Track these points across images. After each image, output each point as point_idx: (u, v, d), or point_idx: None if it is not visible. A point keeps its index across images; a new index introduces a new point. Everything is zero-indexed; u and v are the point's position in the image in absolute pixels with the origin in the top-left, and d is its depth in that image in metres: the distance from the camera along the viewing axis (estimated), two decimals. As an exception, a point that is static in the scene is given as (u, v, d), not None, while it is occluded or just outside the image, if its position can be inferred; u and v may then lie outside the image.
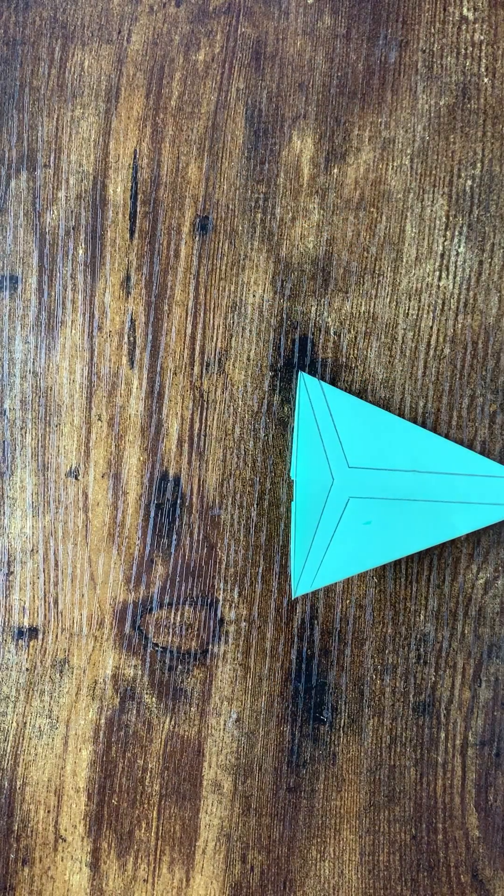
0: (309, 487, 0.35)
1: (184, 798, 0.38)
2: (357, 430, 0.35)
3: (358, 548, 0.35)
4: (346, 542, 0.35)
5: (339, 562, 0.35)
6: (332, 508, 0.35)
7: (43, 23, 0.38)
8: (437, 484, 0.35)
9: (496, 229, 0.36)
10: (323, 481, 0.35)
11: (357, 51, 0.36)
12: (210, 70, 0.37)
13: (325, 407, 0.35)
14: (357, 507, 0.35)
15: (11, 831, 0.38)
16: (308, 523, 0.35)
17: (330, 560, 0.35)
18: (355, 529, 0.35)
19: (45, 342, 0.38)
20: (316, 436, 0.35)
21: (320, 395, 0.36)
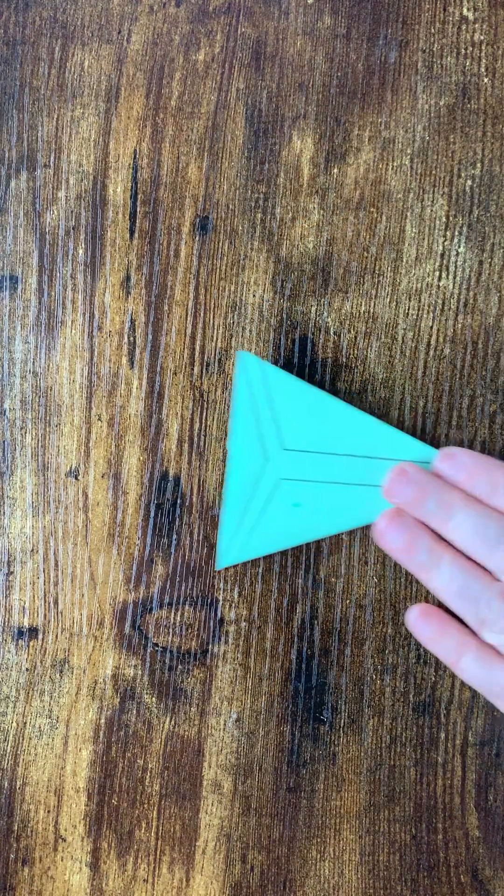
0: (242, 467, 0.35)
1: (184, 798, 0.38)
2: (295, 412, 0.35)
3: (285, 527, 0.35)
4: (274, 522, 0.35)
5: (264, 540, 0.35)
6: (262, 489, 0.35)
7: (43, 23, 0.38)
8: (371, 468, 0.35)
9: (496, 229, 0.36)
10: (256, 461, 0.35)
11: (357, 51, 0.36)
12: (210, 70, 0.37)
13: (263, 387, 0.35)
14: (288, 489, 0.35)
15: (11, 831, 0.38)
16: (238, 501, 0.35)
17: (256, 538, 0.35)
18: (284, 510, 0.35)
19: (44, 342, 0.38)
20: (252, 415, 0.35)
21: (259, 375, 0.35)
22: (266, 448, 0.35)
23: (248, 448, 0.35)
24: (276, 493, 0.35)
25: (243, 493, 0.35)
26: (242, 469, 0.35)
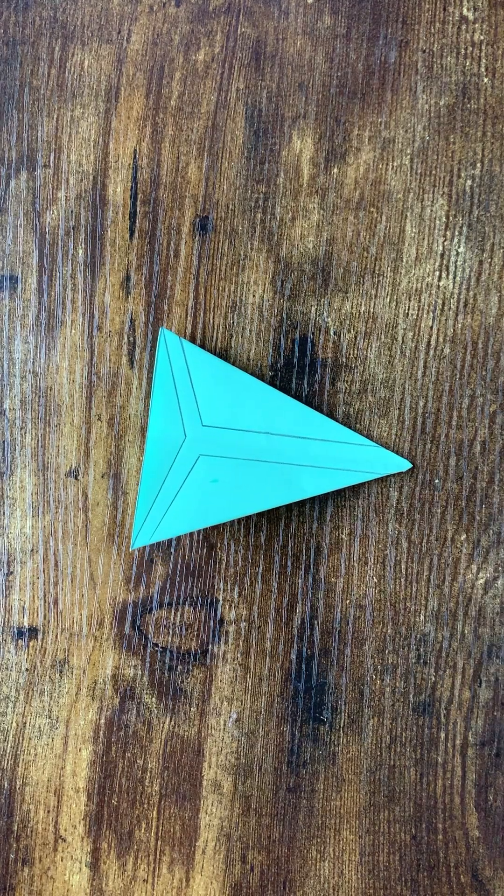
0: (160, 442, 0.35)
1: (184, 798, 0.38)
2: (215, 390, 0.35)
3: (203, 504, 0.35)
4: (192, 499, 0.35)
5: (181, 517, 0.35)
6: (180, 464, 0.35)
7: (43, 22, 0.38)
8: (288, 447, 0.35)
9: (496, 229, 0.36)
10: (175, 437, 0.35)
11: (357, 51, 0.36)
12: (210, 70, 0.37)
13: (183, 364, 0.35)
14: (206, 464, 0.35)
15: (11, 831, 0.38)
16: (155, 477, 0.35)
17: (173, 515, 0.35)
18: (202, 486, 0.35)
19: (44, 342, 0.38)
20: (172, 392, 0.35)
21: (180, 353, 0.36)
22: (185, 424, 0.35)
23: (167, 424, 0.35)
24: (194, 469, 0.35)
25: (160, 470, 0.35)
26: (161, 445, 0.35)
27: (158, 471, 0.35)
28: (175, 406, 0.35)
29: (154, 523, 0.35)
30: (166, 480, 0.35)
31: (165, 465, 0.35)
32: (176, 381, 0.35)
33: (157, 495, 0.35)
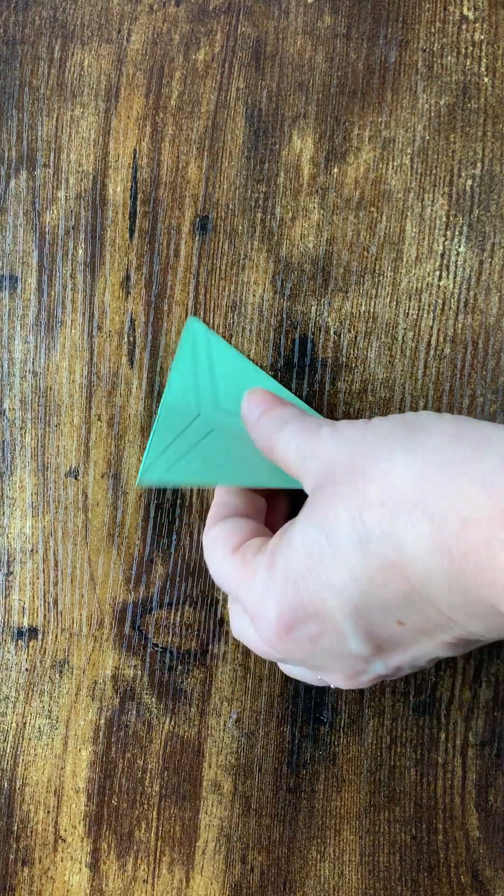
0: (174, 412, 0.35)
1: (184, 798, 0.38)
2: (234, 383, 0.35)
3: (227, 458, 0.34)
4: (205, 453, 0.34)
5: (193, 467, 0.33)
6: (193, 430, 0.34)
7: (42, 22, 0.37)
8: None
9: (496, 229, 0.36)
10: (188, 413, 0.35)
11: (357, 50, 0.36)
12: (210, 69, 0.37)
13: (206, 354, 0.36)
14: (220, 435, 0.34)
15: (11, 832, 0.38)
16: (168, 431, 0.34)
17: (192, 460, 0.34)
18: (213, 449, 0.34)
19: (44, 342, 0.38)
20: (191, 376, 0.35)
21: (204, 342, 0.36)
22: (200, 404, 0.35)
23: (182, 401, 0.35)
24: (205, 437, 0.34)
25: (174, 428, 0.34)
26: (175, 413, 0.35)
27: (171, 428, 0.34)
28: (192, 389, 0.35)
29: (165, 465, 0.33)
30: (178, 438, 0.34)
31: (178, 426, 0.34)
32: (197, 367, 0.35)
33: (168, 445, 0.34)
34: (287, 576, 0.27)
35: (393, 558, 0.24)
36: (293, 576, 0.26)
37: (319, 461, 0.28)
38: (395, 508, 0.24)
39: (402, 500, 0.24)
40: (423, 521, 0.24)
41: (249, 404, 0.33)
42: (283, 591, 0.27)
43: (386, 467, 0.25)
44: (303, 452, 0.29)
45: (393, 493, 0.24)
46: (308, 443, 0.29)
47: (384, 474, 0.25)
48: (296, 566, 0.26)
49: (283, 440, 0.30)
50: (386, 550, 0.24)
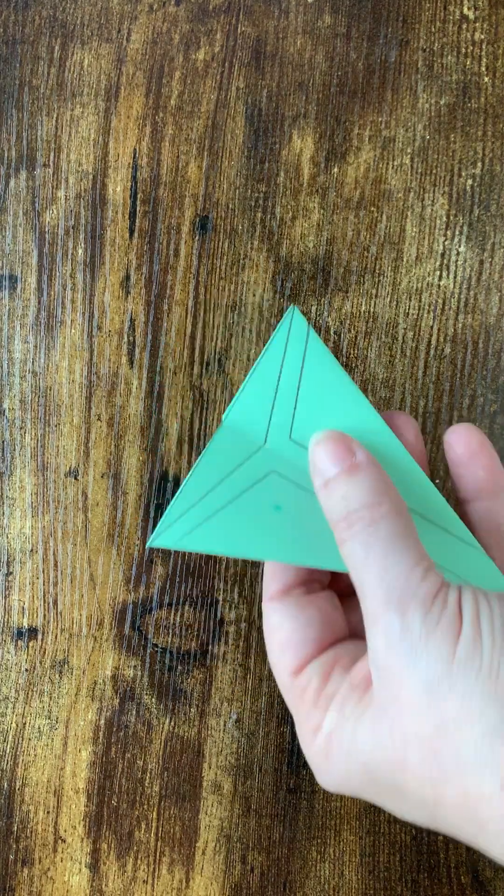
0: (234, 437, 0.28)
1: (183, 799, 0.37)
2: (320, 402, 0.28)
3: (250, 529, 0.27)
4: (241, 517, 0.27)
5: (220, 533, 0.27)
6: (246, 472, 0.28)
7: (42, 21, 0.37)
8: None
9: (497, 229, 0.36)
10: (253, 438, 0.28)
11: (357, 50, 0.36)
12: (210, 69, 0.37)
13: (299, 360, 0.28)
14: (275, 485, 0.28)
15: (11, 832, 0.38)
16: (211, 473, 0.27)
17: (212, 526, 0.27)
18: (259, 508, 0.27)
19: (44, 342, 0.37)
20: (272, 386, 0.28)
21: (301, 344, 0.28)
22: (271, 428, 0.28)
23: (252, 421, 0.28)
24: (259, 484, 0.28)
25: (223, 467, 0.28)
26: (234, 440, 0.28)
27: (220, 467, 0.27)
28: (269, 404, 0.28)
29: (187, 526, 0.27)
30: (222, 483, 0.27)
31: (229, 465, 0.28)
32: (282, 375, 0.28)
33: (204, 496, 0.27)
34: (348, 776, 0.24)
35: (462, 822, 0.22)
36: (352, 781, 0.24)
37: (392, 675, 0.22)
38: (471, 814, 0.21)
39: (481, 817, 0.21)
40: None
41: (322, 451, 0.26)
42: (340, 780, 0.25)
43: (472, 786, 0.21)
44: (381, 617, 0.23)
45: (471, 807, 0.21)
46: (393, 604, 0.23)
47: (465, 790, 0.21)
48: (357, 777, 0.24)
49: (359, 553, 0.24)
50: (453, 823, 0.22)
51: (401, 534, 0.24)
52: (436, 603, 0.22)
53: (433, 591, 0.23)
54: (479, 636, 0.22)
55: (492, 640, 0.21)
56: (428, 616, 0.22)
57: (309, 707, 0.26)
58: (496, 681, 0.21)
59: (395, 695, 0.22)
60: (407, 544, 0.24)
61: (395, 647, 0.22)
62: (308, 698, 0.26)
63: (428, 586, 0.23)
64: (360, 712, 0.24)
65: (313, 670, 0.26)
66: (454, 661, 0.21)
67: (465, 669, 0.21)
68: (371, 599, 0.23)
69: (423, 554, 0.24)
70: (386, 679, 0.23)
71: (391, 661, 0.22)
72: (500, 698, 0.21)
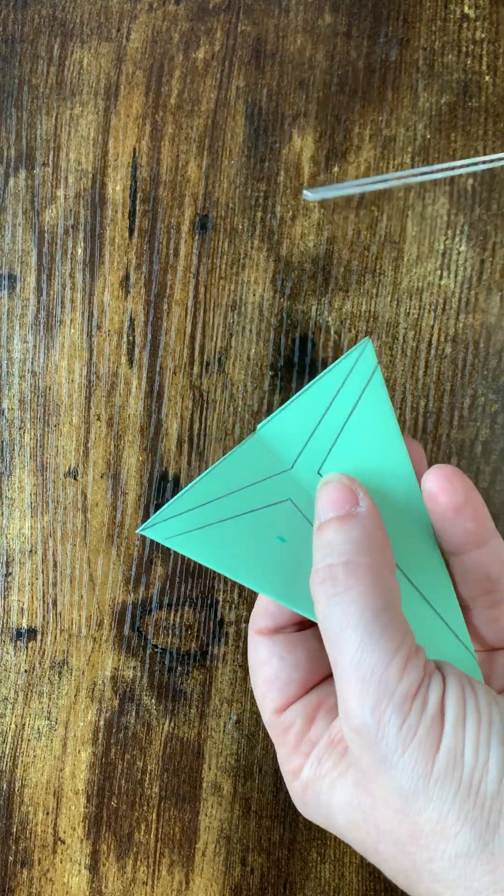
0: (262, 450, 0.26)
1: (183, 800, 0.37)
2: (362, 447, 0.26)
3: (245, 550, 0.25)
4: (240, 534, 0.25)
5: (216, 544, 0.25)
6: (263, 491, 0.26)
7: (42, 20, 0.37)
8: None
9: (498, 228, 0.36)
10: (281, 458, 0.27)
11: (358, 48, 0.36)
12: (210, 68, 0.37)
13: (356, 395, 0.26)
14: (287, 514, 0.26)
15: (10, 833, 0.38)
16: (227, 479, 0.26)
17: (210, 535, 0.25)
18: (262, 532, 0.26)
19: (43, 341, 0.37)
20: (319, 412, 0.26)
21: (363, 381, 0.26)
22: (303, 454, 0.26)
23: (285, 439, 0.26)
24: (272, 508, 0.26)
25: (237, 478, 0.26)
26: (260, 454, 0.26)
27: (235, 476, 0.26)
28: (306, 431, 0.26)
29: (183, 526, 0.25)
30: (235, 494, 0.26)
31: (247, 477, 0.26)
32: (333, 405, 0.26)
33: (211, 500, 0.26)
34: (325, 824, 0.24)
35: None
36: (330, 828, 0.24)
37: (366, 774, 0.21)
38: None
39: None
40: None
41: (326, 492, 0.25)
42: (319, 822, 0.25)
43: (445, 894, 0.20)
44: (351, 689, 0.21)
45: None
46: (362, 675, 0.21)
47: (437, 894, 0.20)
48: (333, 829, 0.24)
49: (334, 623, 0.22)
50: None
51: (378, 608, 0.22)
52: (415, 705, 0.20)
53: (413, 690, 0.20)
54: (461, 745, 0.20)
55: (475, 751, 0.20)
56: (405, 725, 0.20)
57: (290, 749, 0.25)
58: (474, 798, 0.19)
59: (370, 790, 0.21)
60: (386, 625, 0.21)
61: (369, 752, 0.21)
62: (290, 740, 0.25)
63: (407, 684, 0.20)
64: (337, 777, 0.23)
65: (297, 711, 0.26)
66: (431, 776, 0.20)
67: (442, 787, 0.20)
68: (345, 687, 0.21)
69: (403, 636, 0.21)
70: (361, 771, 0.22)
71: (364, 762, 0.21)
72: (476, 818, 0.19)
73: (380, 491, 0.26)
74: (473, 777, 0.19)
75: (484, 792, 0.19)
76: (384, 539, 0.24)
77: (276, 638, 0.27)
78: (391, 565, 0.23)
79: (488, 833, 0.19)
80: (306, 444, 0.26)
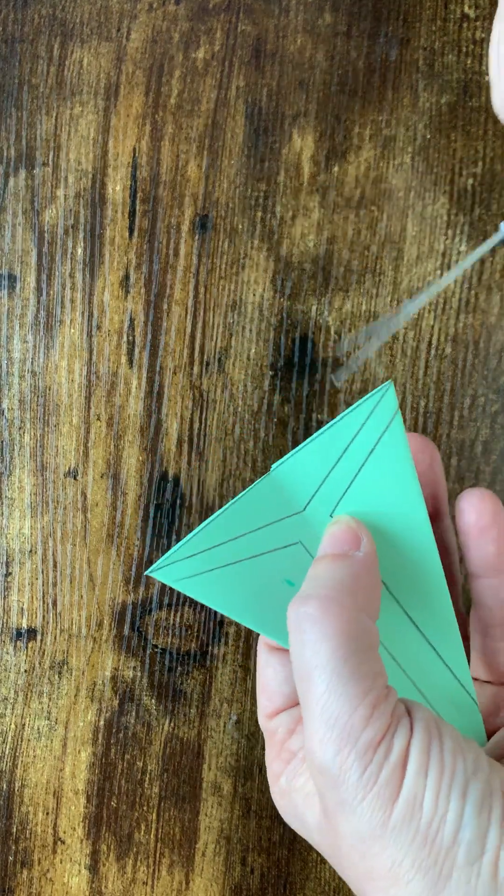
0: (275, 492, 0.26)
1: (183, 800, 0.37)
2: (377, 493, 0.25)
3: (255, 594, 0.26)
4: (252, 578, 0.26)
5: (224, 588, 0.25)
6: (274, 533, 0.26)
7: (42, 20, 0.37)
8: (396, 631, 0.26)
9: (498, 228, 0.36)
10: (294, 500, 0.26)
11: (358, 48, 0.36)
12: (210, 68, 0.37)
13: (374, 440, 0.25)
14: (296, 557, 0.26)
15: (10, 833, 0.38)
16: (239, 521, 0.26)
17: (219, 578, 0.25)
18: (269, 575, 0.26)
19: (43, 341, 0.37)
20: (335, 455, 0.26)
21: (382, 425, 0.25)
22: (316, 497, 0.26)
23: (299, 481, 0.26)
24: (281, 551, 0.26)
25: (248, 520, 0.26)
26: (272, 495, 0.26)
27: (246, 519, 0.26)
28: (321, 473, 0.26)
29: (192, 570, 0.25)
30: (246, 536, 0.26)
31: (258, 520, 0.26)
32: (350, 448, 0.25)
33: (221, 543, 0.25)
34: (291, 825, 0.26)
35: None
36: (292, 823, 0.25)
37: (327, 810, 0.22)
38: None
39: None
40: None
41: (330, 532, 0.25)
42: (288, 821, 0.26)
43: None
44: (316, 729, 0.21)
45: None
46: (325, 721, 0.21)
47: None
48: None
49: (306, 659, 0.22)
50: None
51: (349, 651, 0.21)
52: (378, 753, 0.20)
53: (377, 738, 0.20)
54: (420, 795, 0.20)
55: (434, 801, 0.20)
56: (367, 772, 0.20)
57: (274, 754, 0.26)
58: (430, 847, 0.20)
59: (332, 823, 0.21)
60: (355, 669, 0.21)
61: (331, 793, 0.21)
62: (274, 745, 0.26)
63: (371, 733, 0.20)
64: (308, 795, 0.24)
65: (282, 720, 0.26)
66: (388, 824, 0.20)
67: (399, 834, 0.20)
68: (310, 727, 0.21)
69: (372, 680, 0.21)
70: (323, 805, 0.22)
71: (326, 799, 0.21)
72: (429, 867, 0.19)
73: (392, 536, 0.26)
74: (431, 827, 0.20)
75: (440, 842, 0.19)
76: (372, 586, 0.24)
77: (275, 652, 0.27)
78: (372, 612, 0.23)
79: (440, 883, 0.19)
80: (320, 486, 0.26)
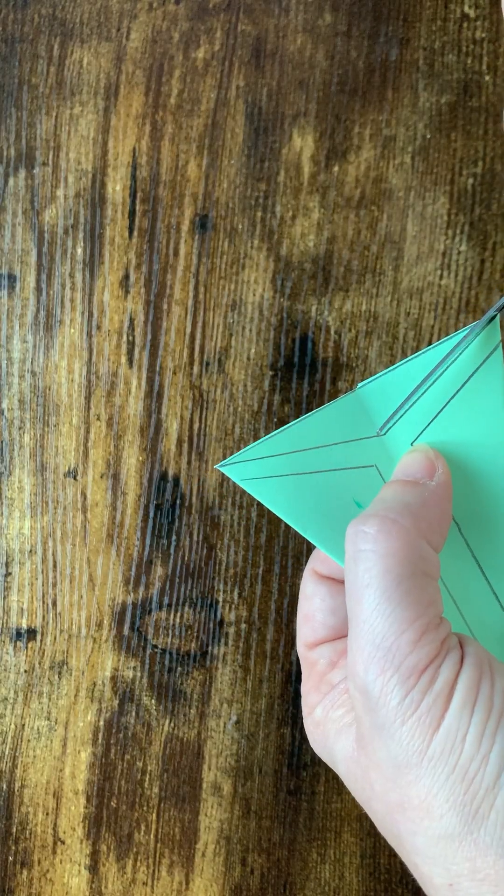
0: (357, 409, 0.25)
1: (183, 801, 0.37)
2: (466, 425, 0.24)
3: (320, 508, 0.25)
4: (320, 491, 0.25)
5: (291, 495, 0.24)
6: (350, 451, 0.25)
7: (42, 20, 0.37)
8: (462, 568, 0.25)
9: (498, 228, 0.36)
10: (375, 421, 0.25)
11: (358, 48, 0.36)
12: (210, 67, 0.37)
13: (470, 370, 0.24)
14: (368, 480, 0.25)
15: (10, 834, 0.38)
16: (317, 431, 0.25)
17: (287, 485, 0.24)
18: (340, 493, 0.25)
19: (43, 341, 0.37)
20: (431, 382, 0.24)
21: (481, 355, 0.24)
22: (400, 422, 0.24)
23: (384, 402, 0.24)
24: (355, 471, 0.25)
25: (326, 432, 0.25)
26: (353, 413, 0.25)
27: (324, 430, 0.25)
28: (414, 396, 0.24)
29: (262, 471, 0.24)
30: (321, 449, 0.25)
31: (336, 434, 0.25)
32: (440, 380, 0.24)
33: (296, 450, 0.24)
34: (329, 762, 0.25)
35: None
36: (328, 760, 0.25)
37: (365, 735, 0.21)
38: (422, 879, 0.21)
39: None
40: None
41: (406, 459, 0.24)
42: (317, 752, 0.26)
43: (424, 868, 0.20)
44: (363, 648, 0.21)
45: (422, 875, 0.21)
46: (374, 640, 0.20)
47: (416, 865, 0.21)
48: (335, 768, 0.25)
49: (358, 578, 0.21)
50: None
51: (403, 574, 0.21)
52: (422, 680, 0.20)
53: (422, 664, 0.20)
54: (463, 730, 0.19)
55: (477, 740, 0.19)
56: (407, 699, 0.20)
57: (312, 685, 0.26)
58: (467, 785, 0.19)
59: (367, 750, 0.21)
60: (407, 593, 0.21)
61: (369, 716, 0.20)
62: (314, 676, 0.26)
63: (416, 658, 0.20)
64: (343, 726, 0.24)
65: (324, 651, 0.26)
66: (426, 753, 0.19)
67: (435, 768, 0.19)
68: (355, 646, 0.21)
69: (424, 607, 0.21)
70: (361, 730, 0.22)
71: (364, 723, 0.21)
72: (465, 805, 0.19)
73: (472, 474, 0.24)
74: (471, 765, 0.19)
75: (479, 782, 0.19)
76: (440, 517, 0.23)
77: (325, 581, 0.27)
78: (436, 542, 0.22)
79: (475, 822, 0.19)
80: (406, 411, 0.24)
